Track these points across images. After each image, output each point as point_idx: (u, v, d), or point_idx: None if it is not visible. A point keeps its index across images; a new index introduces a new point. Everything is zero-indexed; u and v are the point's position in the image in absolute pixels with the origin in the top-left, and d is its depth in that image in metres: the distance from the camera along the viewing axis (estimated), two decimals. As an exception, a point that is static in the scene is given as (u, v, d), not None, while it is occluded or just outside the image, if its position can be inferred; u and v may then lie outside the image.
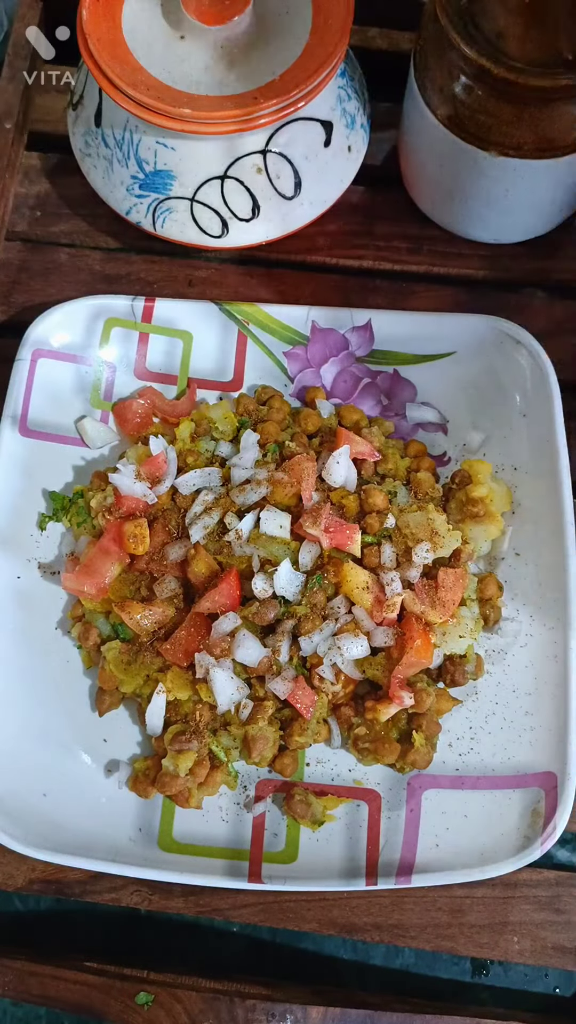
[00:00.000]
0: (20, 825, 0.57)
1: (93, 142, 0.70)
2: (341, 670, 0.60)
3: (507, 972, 0.62)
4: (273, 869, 0.58)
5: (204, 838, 0.60)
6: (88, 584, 0.62)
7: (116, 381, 0.70)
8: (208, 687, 0.59)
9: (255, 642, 0.59)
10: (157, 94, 0.62)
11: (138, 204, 0.69)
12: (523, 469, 0.66)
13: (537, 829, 0.57)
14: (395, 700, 0.59)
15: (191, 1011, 0.56)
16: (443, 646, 0.61)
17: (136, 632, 0.61)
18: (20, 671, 0.62)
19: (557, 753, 0.58)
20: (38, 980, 0.58)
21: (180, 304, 0.70)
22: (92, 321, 0.69)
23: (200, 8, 0.64)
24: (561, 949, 0.59)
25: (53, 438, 0.68)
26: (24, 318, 0.69)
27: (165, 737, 0.59)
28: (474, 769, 0.61)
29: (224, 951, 0.62)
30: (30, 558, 0.66)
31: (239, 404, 0.69)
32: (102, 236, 0.77)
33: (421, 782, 0.61)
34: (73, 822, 0.59)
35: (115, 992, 0.57)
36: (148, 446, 0.65)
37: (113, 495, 0.64)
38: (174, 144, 0.65)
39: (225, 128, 0.62)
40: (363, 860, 0.59)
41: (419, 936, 0.59)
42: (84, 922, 0.63)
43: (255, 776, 0.62)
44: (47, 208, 0.78)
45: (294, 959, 0.62)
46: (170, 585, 0.61)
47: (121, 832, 0.60)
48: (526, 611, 0.64)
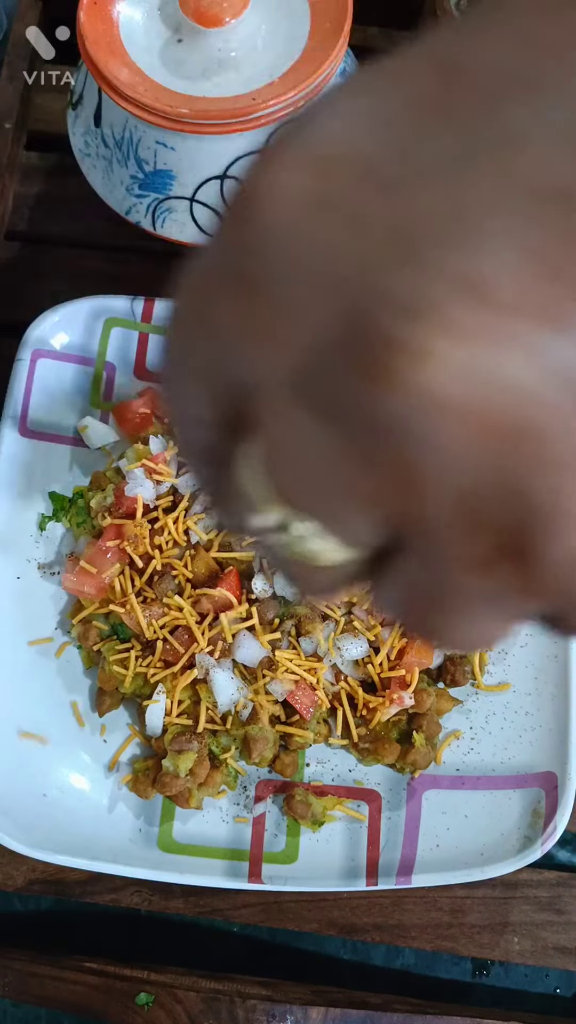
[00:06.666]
0: (20, 825, 0.57)
1: (93, 142, 0.69)
2: (341, 670, 0.60)
3: (507, 972, 0.62)
4: (273, 869, 0.58)
5: (204, 838, 0.60)
6: (88, 584, 0.62)
7: (116, 381, 0.70)
8: (208, 687, 0.59)
9: (255, 642, 0.59)
10: (156, 95, 0.62)
11: (138, 204, 0.69)
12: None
13: (537, 829, 0.57)
14: (395, 700, 0.59)
15: (191, 1011, 0.56)
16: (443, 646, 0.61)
17: (136, 632, 0.61)
18: (20, 671, 0.62)
19: (557, 753, 0.58)
20: (38, 980, 0.58)
21: (180, 304, 0.70)
22: (92, 321, 0.69)
23: (198, 10, 0.64)
24: (562, 949, 0.59)
25: (53, 438, 0.68)
26: (24, 318, 0.69)
27: (165, 737, 0.59)
28: (474, 769, 0.61)
29: (224, 951, 0.62)
30: (30, 558, 0.65)
31: (239, 404, 0.69)
32: (102, 236, 0.77)
33: (421, 782, 0.61)
34: (73, 822, 0.59)
35: (115, 992, 0.57)
36: (148, 446, 0.65)
37: (113, 495, 0.64)
38: (174, 144, 0.65)
39: (225, 128, 0.62)
40: (363, 860, 0.58)
41: (419, 936, 0.59)
42: (84, 922, 0.63)
43: (255, 776, 0.62)
44: (47, 208, 0.78)
45: (294, 959, 0.62)
46: (170, 585, 0.61)
47: (121, 832, 0.60)
48: (526, 611, 0.63)
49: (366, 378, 0.15)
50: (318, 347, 0.15)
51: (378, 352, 0.15)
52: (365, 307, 0.15)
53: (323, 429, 0.16)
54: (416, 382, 0.14)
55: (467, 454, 0.15)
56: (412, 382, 0.14)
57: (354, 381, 0.15)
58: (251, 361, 0.17)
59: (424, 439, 0.15)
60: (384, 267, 0.15)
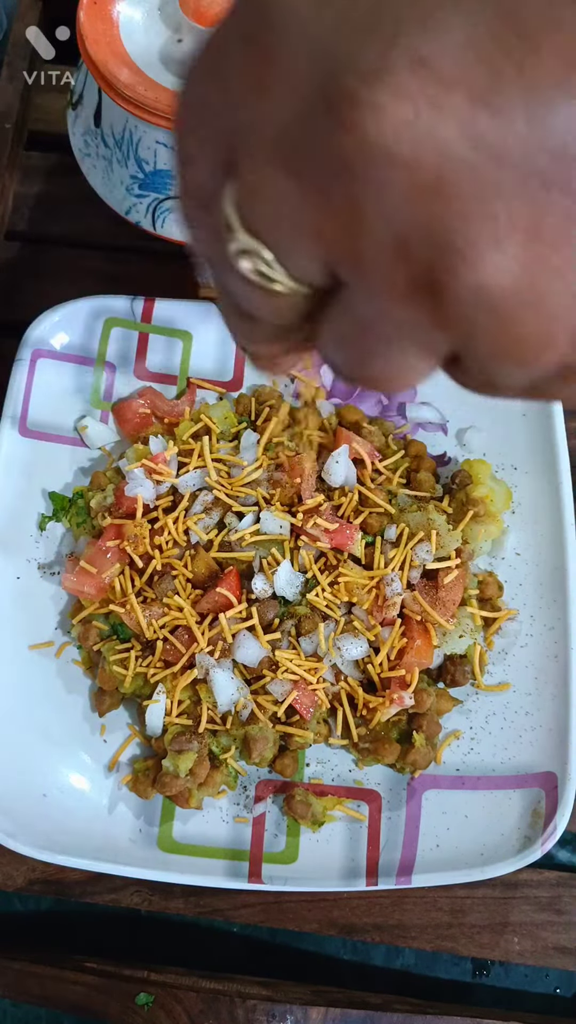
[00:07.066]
0: (20, 825, 0.57)
1: (93, 142, 0.69)
2: (341, 670, 0.60)
3: (508, 973, 0.62)
4: (273, 869, 0.58)
5: (204, 838, 0.60)
6: (88, 584, 0.62)
7: (116, 381, 0.70)
8: (208, 687, 0.59)
9: (255, 642, 0.59)
10: (156, 95, 0.62)
11: (138, 204, 0.69)
12: (523, 469, 0.66)
13: (537, 829, 0.57)
14: (395, 700, 0.59)
15: (191, 1011, 0.56)
16: (443, 646, 0.61)
17: (136, 632, 0.61)
18: (20, 671, 0.62)
19: (557, 753, 0.58)
20: (38, 980, 0.58)
21: (180, 304, 0.70)
22: (92, 321, 0.69)
23: (198, 10, 0.64)
24: (562, 949, 0.59)
25: (53, 438, 0.68)
26: (24, 318, 0.69)
27: (165, 737, 0.59)
28: (474, 769, 0.61)
29: (224, 951, 0.62)
30: (30, 558, 0.65)
31: (239, 404, 0.69)
32: (102, 236, 0.77)
33: (421, 782, 0.61)
34: (73, 822, 0.59)
35: (115, 993, 0.57)
36: (148, 446, 0.65)
37: (113, 495, 0.64)
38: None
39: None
40: (363, 860, 0.58)
41: (419, 936, 0.59)
42: (84, 922, 0.63)
43: (255, 776, 0.62)
44: (47, 208, 0.78)
45: (294, 959, 0.62)
46: (170, 585, 0.61)
47: (121, 832, 0.60)
48: (526, 611, 0.64)
49: (330, 125, 0.19)
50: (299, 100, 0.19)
51: (342, 105, 0.18)
52: (336, 69, 0.19)
53: (290, 171, 0.20)
54: (367, 131, 0.18)
55: (399, 196, 0.19)
56: (364, 131, 0.18)
57: (320, 127, 0.19)
58: (245, 109, 0.21)
59: (368, 180, 0.19)
60: (356, 39, 0.19)
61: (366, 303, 0.21)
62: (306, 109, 0.19)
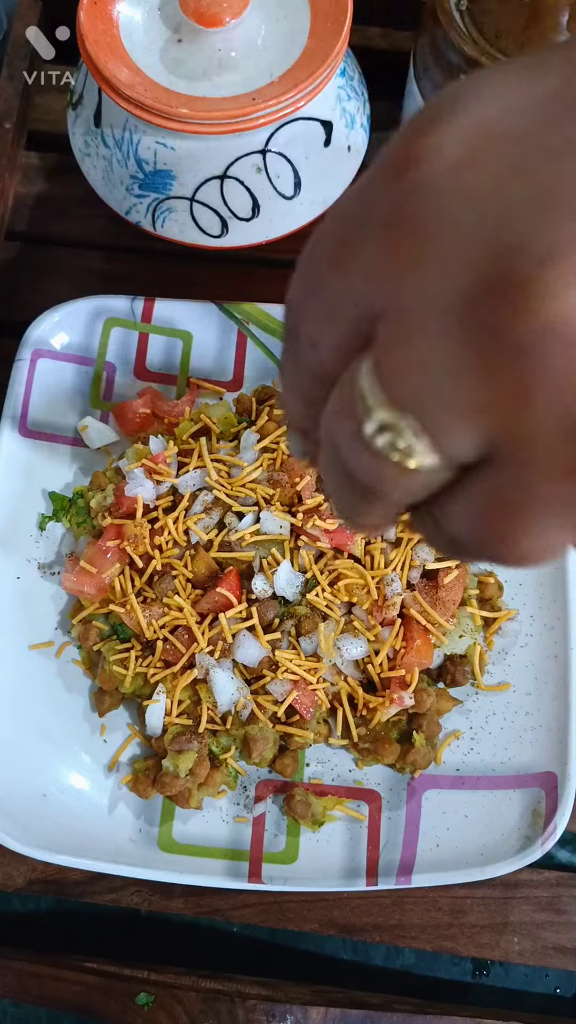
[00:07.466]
0: (20, 825, 0.57)
1: (93, 142, 0.69)
2: (341, 670, 0.60)
3: (507, 972, 0.62)
4: (273, 869, 0.58)
5: (204, 838, 0.60)
6: (88, 584, 0.62)
7: (116, 381, 0.70)
8: (208, 687, 0.59)
9: (255, 642, 0.59)
10: (156, 95, 0.62)
11: (138, 204, 0.69)
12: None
13: (537, 829, 0.57)
14: (395, 700, 0.59)
15: (191, 1011, 0.56)
16: (443, 646, 0.61)
17: (136, 632, 0.61)
18: (20, 671, 0.62)
19: (557, 753, 0.58)
20: (38, 980, 0.58)
21: (180, 304, 0.70)
22: (92, 321, 0.69)
23: (198, 10, 0.64)
24: (562, 949, 0.59)
25: (53, 438, 0.68)
26: (24, 318, 0.69)
27: (165, 737, 0.59)
28: (474, 769, 0.61)
29: (224, 951, 0.62)
30: (30, 558, 0.66)
31: (239, 404, 0.69)
32: (102, 236, 0.77)
33: (421, 782, 0.61)
34: (73, 822, 0.59)
35: (115, 992, 0.57)
36: (148, 446, 0.65)
37: (113, 495, 0.64)
38: (174, 144, 0.65)
39: (224, 128, 0.62)
40: (363, 860, 0.59)
41: (419, 936, 0.59)
42: (84, 922, 0.63)
43: (255, 776, 0.62)
44: (47, 208, 0.78)
45: (294, 959, 0.62)
46: (170, 585, 0.61)
47: (121, 832, 0.60)
48: (526, 611, 0.64)
49: (504, 307, 0.19)
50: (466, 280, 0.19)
51: (516, 288, 0.18)
52: (507, 252, 0.19)
53: (460, 346, 0.20)
54: (543, 314, 0.18)
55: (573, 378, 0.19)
56: (541, 313, 0.18)
57: (494, 308, 0.19)
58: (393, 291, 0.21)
59: (542, 361, 0.19)
60: (523, 220, 0.19)
61: (517, 480, 0.21)
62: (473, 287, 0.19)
